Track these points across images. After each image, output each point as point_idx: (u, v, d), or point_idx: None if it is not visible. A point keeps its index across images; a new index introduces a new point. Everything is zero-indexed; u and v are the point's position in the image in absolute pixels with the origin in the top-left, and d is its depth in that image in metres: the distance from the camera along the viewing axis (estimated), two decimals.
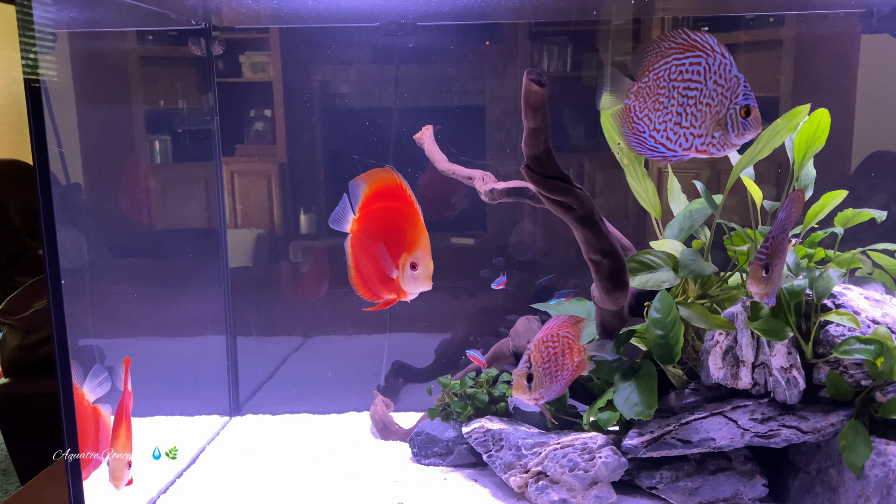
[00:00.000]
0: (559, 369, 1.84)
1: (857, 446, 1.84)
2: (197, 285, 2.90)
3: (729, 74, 1.48)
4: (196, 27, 2.62)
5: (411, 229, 1.58)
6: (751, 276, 1.67)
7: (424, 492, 2.13)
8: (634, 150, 1.55)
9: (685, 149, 1.53)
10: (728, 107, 1.48)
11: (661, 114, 1.51)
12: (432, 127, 2.50)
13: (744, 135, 1.50)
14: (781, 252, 1.70)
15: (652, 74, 1.50)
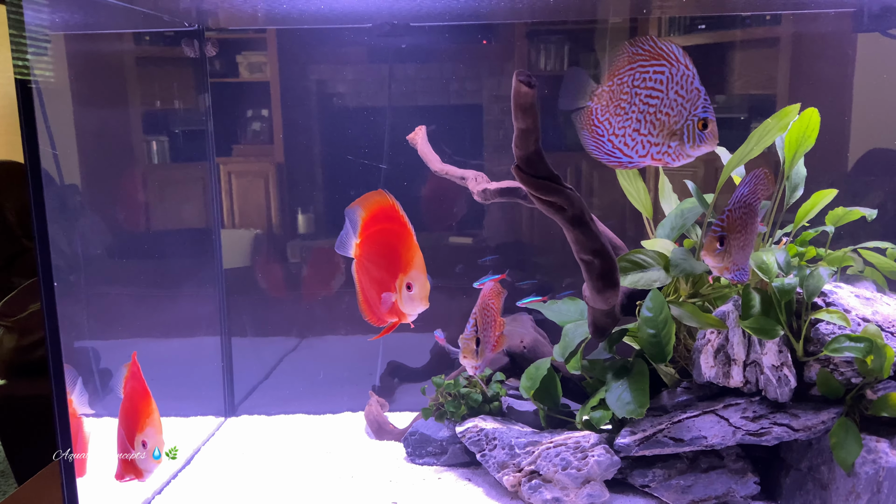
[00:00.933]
0: (488, 340, 1.84)
1: (848, 444, 1.85)
2: (192, 286, 2.91)
3: (690, 86, 1.49)
4: (189, 29, 2.62)
5: (405, 250, 1.58)
6: (704, 248, 1.69)
7: (418, 491, 2.14)
8: (591, 153, 1.56)
9: (641, 156, 1.54)
10: (686, 118, 1.50)
11: (622, 119, 1.52)
12: (425, 127, 2.51)
13: (699, 146, 1.51)
14: (743, 227, 1.70)
15: (616, 79, 1.52)
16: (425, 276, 1.56)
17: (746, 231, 1.72)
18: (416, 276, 1.56)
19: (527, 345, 2.38)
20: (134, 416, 1.89)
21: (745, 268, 1.73)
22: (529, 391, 2.15)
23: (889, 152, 2.70)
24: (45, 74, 2.37)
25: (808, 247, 2.15)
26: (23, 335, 3.54)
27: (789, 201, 2.12)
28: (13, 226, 4.86)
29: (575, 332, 2.16)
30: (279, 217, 2.99)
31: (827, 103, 2.70)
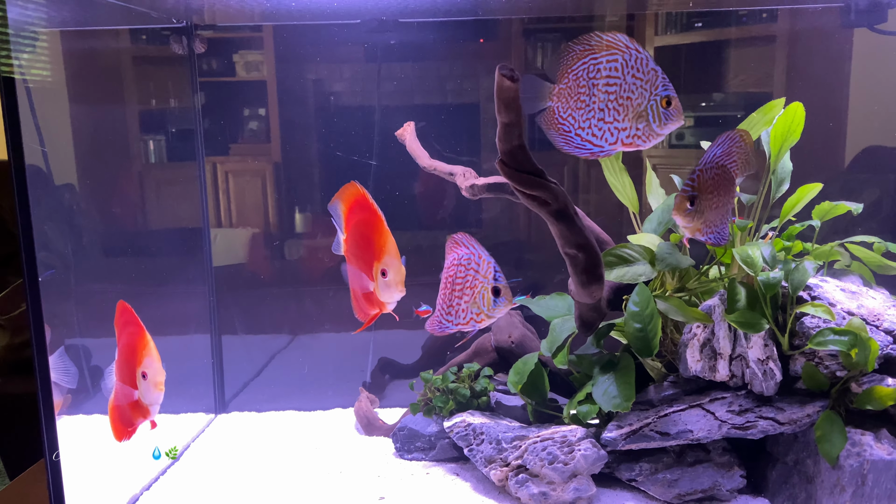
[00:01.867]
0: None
1: (833, 437, 1.86)
2: (181, 284, 2.91)
3: (646, 68, 1.52)
4: (178, 25, 2.62)
5: (377, 237, 1.58)
6: (675, 207, 1.70)
7: (406, 486, 2.14)
8: (563, 149, 1.59)
9: (611, 143, 1.57)
10: (649, 98, 1.52)
11: (584, 112, 1.55)
12: (413, 123, 2.51)
13: (666, 124, 1.54)
14: (716, 188, 1.72)
15: (571, 75, 1.55)
16: (399, 261, 1.56)
17: (720, 192, 1.73)
18: (390, 262, 1.56)
19: (515, 340, 2.38)
20: (131, 353, 1.91)
21: (721, 231, 1.74)
22: (517, 386, 2.15)
23: (885, 150, 2.70)
24: (30, 71, 2.37)
25: (794, 241, 2.15)
26: (15, 333, 3.54)
27: (775, 196, 2.12)
28: (9, 224, 4.87)
29: (562, 326, 2.17)
30: (276, 215, 2.99)
31: (823, 101, 2.71)
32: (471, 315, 1.65)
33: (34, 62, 2.41)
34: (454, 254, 1.67)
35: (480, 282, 1.62)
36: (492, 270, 1.62)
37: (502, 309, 1.63)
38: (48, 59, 2.42)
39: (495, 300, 1.62)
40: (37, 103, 2.38)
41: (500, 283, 1.61)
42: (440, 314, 1.69)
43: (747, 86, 2.79)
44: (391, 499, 2.06)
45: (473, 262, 1.64)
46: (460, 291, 1.65)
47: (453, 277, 1.65)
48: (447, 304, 1.67)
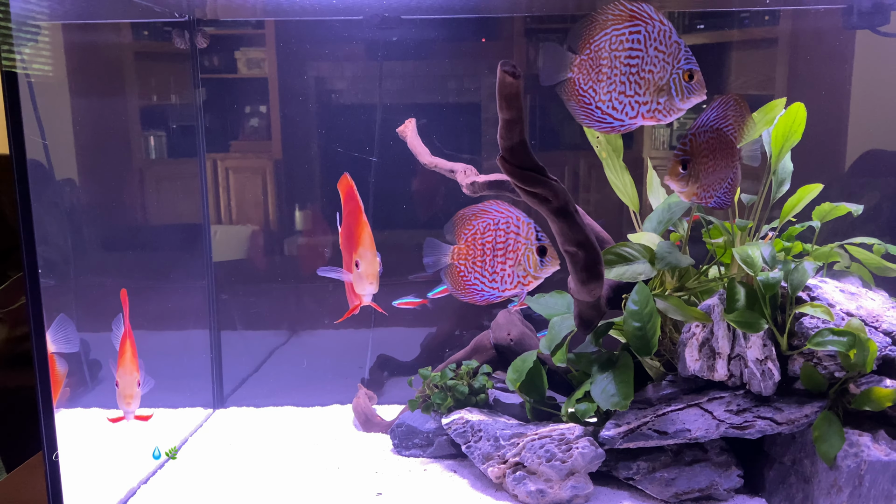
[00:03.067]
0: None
1: (830, 437, 1.86)
2: (181, 279, 2.91)
3: (669, 41, 1.50)
4: (180, 20, 2.62)
5: (356, 227, 1.57)
6: (669, 172, 1.69)
7: (404, 483, 2.14)
8: (583, 123, 1.57)
9: (632, 117, 1.56)
10: (671, 72, 1.51)
11: (606, 84, 1.53)
12: (415, 120, 2.51)
13: (689, 98, 1.53)
14: (711, 153, 1.71)
15: (593, 46, 1.52)
16: (373, 253, 1.54)
17: (716, 156, 1.72)
18: (363, 254, 1.54)
19: (514, 337, 2.38)
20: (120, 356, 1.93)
21: (723, 196, 1.73)
22: (515, 383, 2.15)
23: (885, 153, 2.71)
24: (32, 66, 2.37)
25: (794, 242, 2.15)
26: (14, 326, 3.54)
27: (776, 196, 2.12)
28: (9, 219, 4.86)
29: (561, 324, 2.17)
30: (276, 212, 2.99)
31: (824, 104, 2.71)
32: (517, 278, 1.61)
33: (36, 56, 2.41)
34: (485, 220, 1.64)
35: (524, 243, 1.59)
36: (533, 231, 1.59)
37: (550, 268, 1.60)
38: (50, 53, 2.42)
39: (541, 260, 1.59)
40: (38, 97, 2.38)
41: (544, 241, 1.59)
42: (482, 283, 1.66)
43: (749, 88, 2.80)
44: (388, 495, 2.07)
45: (513, 225, 1.61)
46: (503, 256, 1.61)
47: (492, 243, 1.62)
48: (490, 271, 1.63)
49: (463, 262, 1.67)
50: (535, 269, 1.60)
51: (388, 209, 2.88)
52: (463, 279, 1.66)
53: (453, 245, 1.68)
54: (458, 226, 1.68)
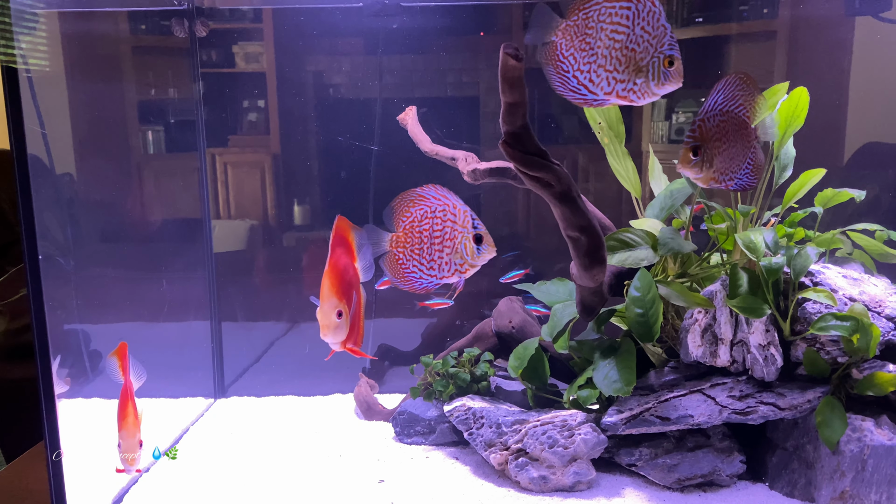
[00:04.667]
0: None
1: (833, 422, 1.86)
2: (182, 271, 2.91)
3: (657, 22, 1.50)
4: (179, 8, 2.60)
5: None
6: (680, 159, 1.69)
7: (406, 470, 2.14)
8: (557, 89, 1.57)
9: (606, 93, 1.55)
10: (652, 54, 1.50)
11: (587, 55, 1.53)
12: (415, 108, 2.50)
13: (664, 84, 1.52)
14: (723, 135, 1.70)
15: (582, 14, 1.52)
16: (325, 305, 1.52)
17: (728, 139, 1.71)
18: (321, 302, 1.54)
19: (515, 325, 2.38)
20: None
21: (745, 177, 1.72)
22: (517, 371, 2.15)
23: (884, 146, 2.70)
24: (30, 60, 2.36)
25: (796, 228, 2.15)
26: (13, 318, 3.54)
27: (778, 181, 2.11)
28: (8, 214, 4.85)
29: (563, 311, 2.16)
30: (275, 206, 2.99)
31: (823, 96, 2.71)
32: (455, 266, 1.63)
33: (34, 49, 2.40)
34: (423, 207, 1.64)
35: (460, 231, 1.61)
36: (469, 219, 1.61)
37: (486, 256, 1.62)
38: (48, 45, 2.41)
39: (478, 248, 1.61)
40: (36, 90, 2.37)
41: (480, 230, 1.61)
42: (420, 271, 1.67)
43: None
44: (391, 482, 2.06)
45: (450, 213, 1.62)
46: (440, 244, 1.62)
47: (430, 231, 1.63)
48: (428, 259, 1.65)
49: (401, 249, 1.67)
50: (473, 256, 1.62)
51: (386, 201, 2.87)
52: (401, 266, 1.67)
53: (392, 233, 1.68)
54: (397, 213, 1.68)
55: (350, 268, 1.63)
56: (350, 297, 1.59)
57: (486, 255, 1.63)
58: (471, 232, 1.61)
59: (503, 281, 2.65)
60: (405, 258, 1.67)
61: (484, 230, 1.62)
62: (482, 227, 1.62)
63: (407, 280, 1.69)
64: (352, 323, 1.60)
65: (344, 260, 1.61)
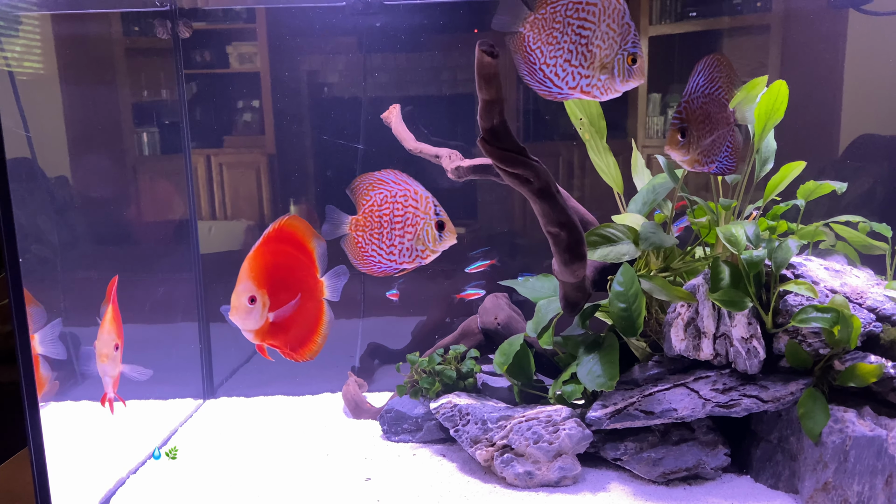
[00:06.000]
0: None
1: (815, 414, 1.86)
2: (168, 272, 2.91)
3: (622, 20, 1.52)
4: (161, 9, 2.60)
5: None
6: (667, 141, 1.71)
7: (393, 467, 2.15)
8: (524, 79, 1.58)
9: (571, 87, 1.57)
10: (617, 51, 1.52)
11: (554, 48, 1.54)
12: (399, 106, 2.50)
13: (627, 81, 1.55)
14: (706, 117, 1.72)
15: (549, 7, 1.53)
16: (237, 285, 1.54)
17: (711, 120, 1.73)
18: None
19: (501, 321, 2.38)
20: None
21: (724, 160, 1.74)
22: (503, 367, 2.15)
23: (878, 138, 2.71)
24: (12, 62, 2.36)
25: (779, 221, 2.16)
26: (1, 323, 3.53)
27: (759, 175, 2.12)
28: None
29: (548, 307, 2.17)
30: (270, 206, 2.99)
31: (817, 89, 2.71)
32: (415, 252, 1.64)
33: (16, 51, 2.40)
34: (383, 192, 1.65)
35: (422, 218, 1.62)
36: (431, 205, 1.61)
37: (447, 243, 1.63)
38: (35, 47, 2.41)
39: (440, 234, 1.61)
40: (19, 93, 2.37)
41: (442, 216, 1.61)
42: (379, 255, 1.66)
43: (742, 74, 2.78)
44: (378, 480, 2.07)
45: (411, 199, 1.63)
46: (401, 230, 1.63)
47: (390, 216, 1.64)
48: (388, 244, 1.65)
49: (361, 233, 1.68)
50: (434, 243, 1.63)
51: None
52: (361, 250, 1.68)
53: (353, 215, 1.68)
54: (357, 195, 1.69)
55: (299, 270, 1.64)
56: (282, 292, 1.59)
57: (447, 242, 1.64)
58: (433, 218, 1.61)
59: (468, 271, 2.67)
60: (365, 242, 1.68)
61: (445, 217, 1.63)
62: (444, 214, 1.63)
63: (366, 262, 1.69)
64: (286, 325, 1.60)
65: (286, 258, 1.62)
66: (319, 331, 1.73)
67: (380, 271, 1.67)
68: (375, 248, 1.66)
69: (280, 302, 1.61)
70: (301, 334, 1.69)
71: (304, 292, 1.64)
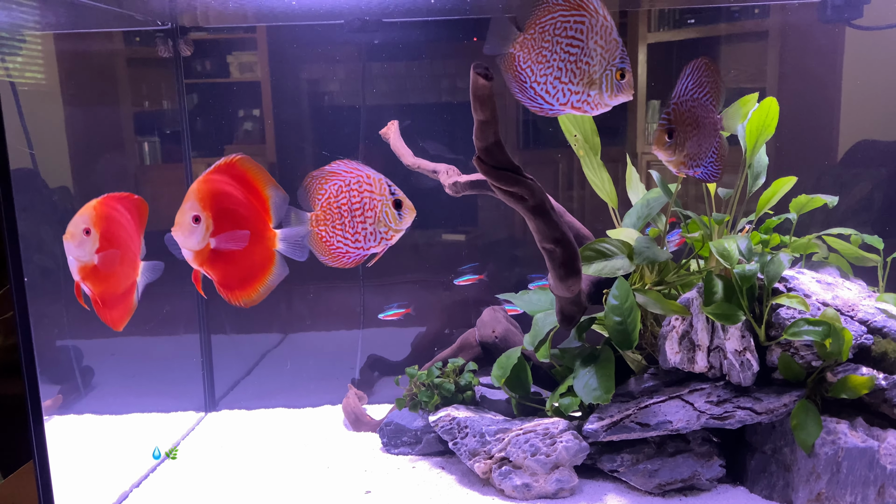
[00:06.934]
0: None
1: (808, 425, 1.89)
2: (169, 284, 2.93)
3: (609, 37, 1.55)
4: (163, 28, 2.64)
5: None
6: (654, 141, 1.74)
7: (393, 480, 2.17)
8: (516, 96, 1.62)
9: (562, 103, 1.60)
10: (606, 67, 1.55)
11: (544, 67, 1.58)
12: (397, 122, 2.54)
13: (616, 96, 1.58)
14: (693, 120, 1.76)
15: (538, 27, 1.57)
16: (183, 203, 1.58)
17: (698, 124, 1.77)
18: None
19: (498, 334, 2.41)
20: None
21: (710, 166, 1.78)
22: (500, 380, 2.18)
23: (877, 143, 2.74)
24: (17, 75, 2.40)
25: (771, 234, 2.19)
26: (7, 335, 3.56)
27: (751, 189, 2.15)
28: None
29: (544, 321, 2.20)
30: None
31: (816, 95, 2.74)
32: (379, 235, 1.66)
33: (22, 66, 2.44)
34: (336, 182, 1.66)
35: (379, 199, 1.64)
36: (386, 186, 1.64)
37: (408, 219, 1.65)
38: (38, 63, 2.45)
39: (399, 213, 1.63)
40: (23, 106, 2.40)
41: (398, 195, 1.63)
42: (346, 245, 1.67)
43: (740, 81, 2.82)
44: (377, 493, 2.09)
45: (365, 184, 1.64)
46: (361, 216, 1.65)
47: (348, 205, 1.65)
48: (352, 233, 1.66)
49: (323, 227, 1.69)
50: (395, 222, 1.66)
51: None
52: (326, 244, 1.70)
53: (310, 212, 1.70)
54: (310, 191, 1.70)
55: (247, 209, 1.65)
56: (226, 222, 1.62)
57: (407, 219, 1.66)
58: (389, 198, 1.63)
59: (457, 283, 2.71)
60: (329, 234, 1.69)
61: (401, 194, 1.65)
62: (399, 192, 1.65)
63: (335, 256, 1.71)
64: (227, 258, 1.63)
65: (235, 192, 1.64)
66: (263, 280, 1.74)
67: (350, 261, 1.69)
68: (340, 238, 1.67)
69: (221, 231, 1.64)
70: (241, 276, 1.71)
71: (252, 235, 1.67)
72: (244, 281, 1.74)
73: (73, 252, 1.64)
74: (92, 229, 1.63)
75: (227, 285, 1.70)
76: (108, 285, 1.75)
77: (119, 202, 1.76)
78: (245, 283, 1.74)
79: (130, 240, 1.77)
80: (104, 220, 1.66)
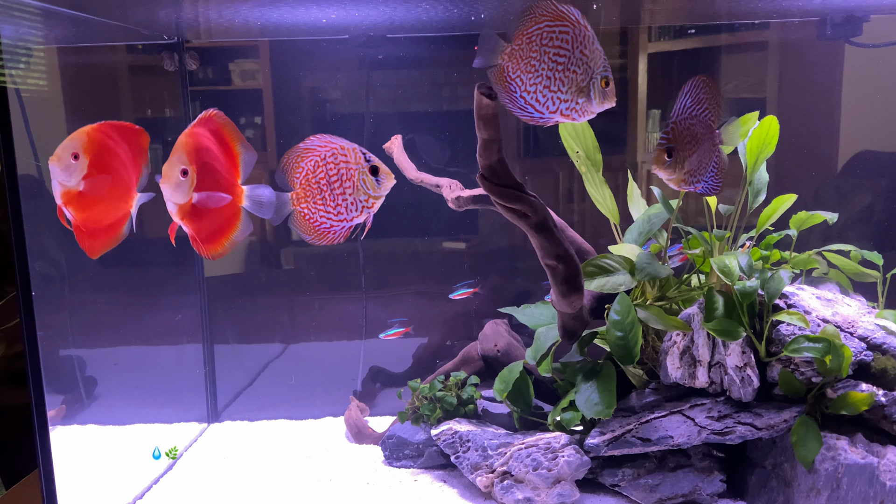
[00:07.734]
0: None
1: (808, 441, 1.90)
2: (173, 294, 2.95)
3: (593, 46, 1.59)
4: (168, 42, 2.67)
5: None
6: (654, 161, 1.77)
7: (394, 493, 2.18)
8: (507, 107, 1.65)
9: (552, 112, 1.63)
10: (591, 75, 1.58)
11: (532, 76, 1.61)
12: (401, 137, 2.56)
13: (602, 103, 1.61)
14: (693, 138, 1.78)
15: (525, 38, 1.60)
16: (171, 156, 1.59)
17: (697, 141, 1.79)
18: None
19: (501, 348, 2.43)
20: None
21: (710, 181, 1.80)
22: (502, 394, 2.20)
23: (877, 154, 2.75)
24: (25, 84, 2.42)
25: (772, 250, 2.20)
26: (11, 343, 3.58)
27: (752, 206, 2.17)
28: (5, 234, 4.91)
29: (546, 335, 2.22)
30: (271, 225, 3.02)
31: (815, 106, 2.75)
32: (360, 204, 1.66)
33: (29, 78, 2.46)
34: (312, 158, 1.66)
35: (355, 168, 1.64)
36: (360, 154, 1.64)
37: (387, 184, 1.66)
38: (43, 75, 2.47)
39: (377, 179, 1.64)
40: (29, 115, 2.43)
41: (373, 161, 1.64)
42: (329, 220, 1.67)
43: (740, 91, 2.84)
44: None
45: (339, 155, 1.64)
46: (340, 187, 1.65)
47: (326, 178, 1.66)
48: (333, 206, 1.66)
49: (305, 204, 1.69)
50: (374, 189, 1.66)
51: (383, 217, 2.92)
52: (310, 222, 1.70)
53: (290, 192, 1.70)
54: (287, 171, 1.70)
55: (220, 164, 1.65)
56: (206, 178, 1.63)
57: (386, 184, 1.66)
58: (365, 166, 1.64)
59: (452, 297, 2.72)
60: (311, 211, 1.69)
61: (377, 160, 1.65)
62: (375, 159, 1.65)
63: (320, 233, 1.71)
64: (202, 213, 1.63)
65: (213, 147, 1.65)
66: (229, 235, 1.75)
67: (336, 236, 1.68)
68: (322, 213, 1.67)
69: (202, 186, 1.65)
70: (212, 230, 1.72)
71: (223, 190, 1.68)
72: (213, 235, 1.76)
73: (58, 176, 1.62)
74: (81, 155, 1.61)
75: (201, 238, 1.71)
76: (94, 213, 1.73)
77: (116, 130, 1.73)
78: (213, 237, 1.76)
79: (124, 169, 1.74)
80: (96, 146, 1.64)
